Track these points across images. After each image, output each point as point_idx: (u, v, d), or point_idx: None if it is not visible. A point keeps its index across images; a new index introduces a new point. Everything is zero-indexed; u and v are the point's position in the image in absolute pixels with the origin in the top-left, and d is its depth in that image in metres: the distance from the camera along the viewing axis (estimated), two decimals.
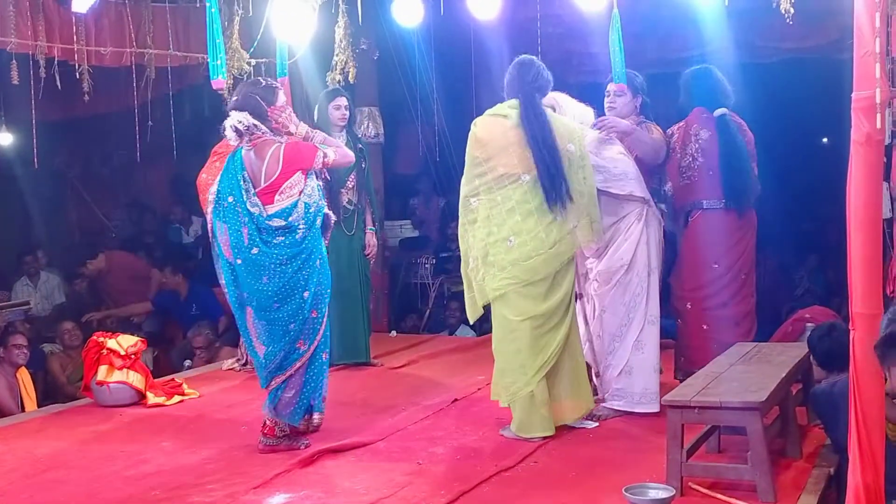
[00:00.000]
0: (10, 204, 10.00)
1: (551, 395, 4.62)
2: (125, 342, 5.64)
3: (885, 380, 3.24)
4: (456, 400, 5.40)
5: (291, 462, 4.28)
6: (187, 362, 7.26)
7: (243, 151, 4.51)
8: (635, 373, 4.88)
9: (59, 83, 6.18)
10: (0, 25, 5.79)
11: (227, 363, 6.64)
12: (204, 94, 7.57)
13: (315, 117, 6.43)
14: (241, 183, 4.45)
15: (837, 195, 3.57)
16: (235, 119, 4.43)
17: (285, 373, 4.52)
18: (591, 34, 6.16)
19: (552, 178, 4.54)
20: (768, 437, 3.86)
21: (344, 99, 6.36)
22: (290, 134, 4.58)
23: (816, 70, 7.48)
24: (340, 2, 6.55)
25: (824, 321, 5.01)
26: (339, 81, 6.73)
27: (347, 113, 6.38)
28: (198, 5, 6.39)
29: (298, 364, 4.52)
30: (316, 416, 4.78)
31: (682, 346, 5.44)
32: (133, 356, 5.60)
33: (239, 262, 4.48)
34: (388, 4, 6.67)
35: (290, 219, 4.43)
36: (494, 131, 4.66)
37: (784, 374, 4.11)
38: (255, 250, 4.44)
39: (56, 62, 6.19)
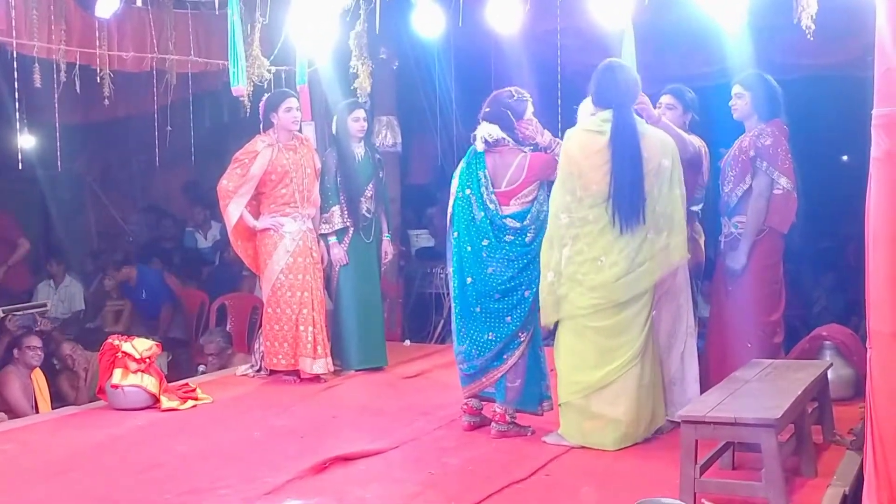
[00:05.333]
0: (30, 207, 10.07)
1: (603, 412, 4.54)
2: (140, 346, 5.65)
3: None
4: None
5: (303, 469, 4.28)
6: (201, 367, 7.28)
7: (486, 153, 4.82)
8: (679, 383, 4.83)
9: (78, 87, 6.23)
10: (24, 30, 5.84)
11: (241, 369, 6.66)
12: (223, 100, 7.63)
13: (334, 128, 6.51)
14: (481, 179, 4.78)
15: (857, 213, 3.55)
16: (486, 131, 4.77)
17: (506, 363, 4.79)
18: (610, 47, 6.14)
19: (626, 201, 4.41)
20: (783, 454, 3.82)
21: (362, 111, 6.51)
22: (535, 144, 4.82)
23: (837, 87, 7.44)
24: (361, 11, 6.59)
25: None
26: (366, 90, 6.80)
27: (366, 124, 6.50)
28: (218, 13, 6.43)
29: (518, 353, 4.78)
30: (545, 403, 4.90)
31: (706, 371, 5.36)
32: (148, 360, 5.61)
33: (469, 249, 4.81)
34: (408, 14, 6.70)
35: (525, 222, 4.75)
36: (588, 148, 4.52)
37: (800, 392, 4.07)
38: (485, 241, 4.77)
39: (78, 66, 6.25)
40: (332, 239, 6.45)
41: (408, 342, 7.85)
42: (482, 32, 6.72)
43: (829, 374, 4.78)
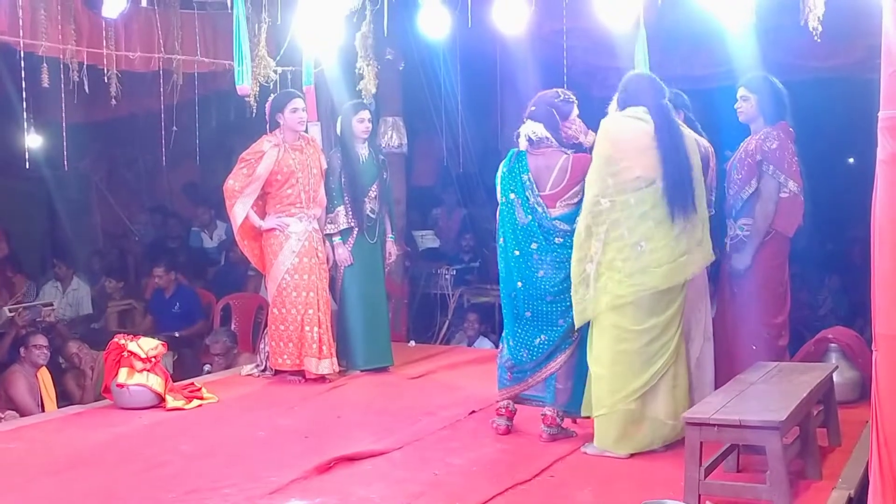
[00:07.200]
0: (36, 205, 10.09)
1: (648, 414, 4.50)
2: (146, 345, 5.66)
3: None
4: (474, 411, 5.39)
5: (307, 469, 4.29)
6: (207, 367, 7.29)
7: (528, 155, 4.78)
8: (693, 388, 4.77)
9: (87, 87, 6.25)
10: (31, 29, 5.86)
11: (247, 369, 6.67)
12: (230, 100, 7.62)
13: (338, 129, 6.53)
14: (526, 182, 4.74)
15: (862, 215, 3.55)
16: (530, 129, 4.73)
17: (556, 361, 4.76)
18: (616, 48, 6.15)
19: (680, 188, 4.41)
20: (788, 457, 3.82)
21: (367, 112, 6.54)
22: (578, 144, 4.78)
23: (843, 89, 7.44)
24: (367, 12, 6.60)
25: None
26: (371, 92, 6.82)
27: (370, 125, 6.52)
28: (228, 11, 6.44)
29: (569, 352, 4.75)
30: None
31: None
32: (153, 359, 5.62)
33: (517, 253, 4.75)
34: (414, 15, 6.71)
35: (574, 225, 4.64)
36: (632, 132, 4.49)
37: (805, 394, 4.07)
38: (534, 245, 4.72)
39: (85, 66, 6.26)
40: (337, 239, 6.46)
41: (412, 343, 7.85)
42: (488, 33, 6.72)
43: (835, 377, 4.78)
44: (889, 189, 3.23)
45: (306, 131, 6.49)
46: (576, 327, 4.63)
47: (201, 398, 5.76)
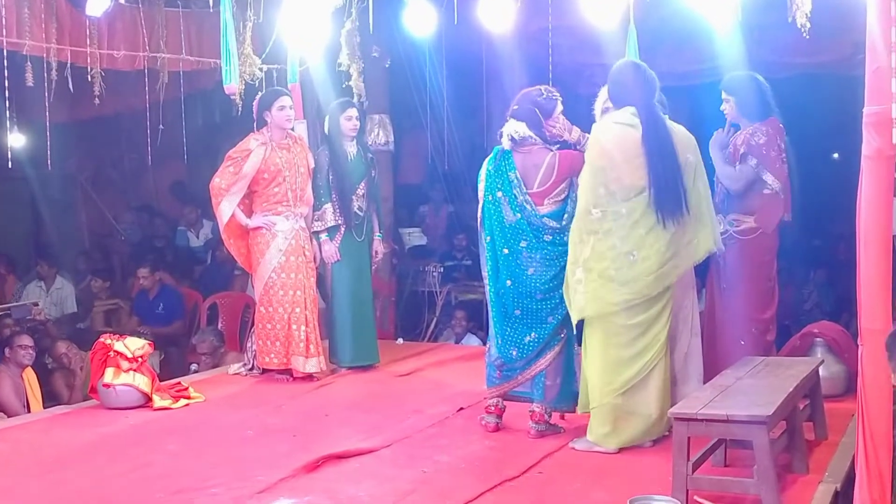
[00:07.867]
0: (20, 205, 10.04)
1: (637, 408, 4.51)
2: (132, 345, 5.63)
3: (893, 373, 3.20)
4: (462, 409, 5.39)
5: (296, 467, 4.28)
6: (194, 366, 7.27)
7: (514, 153, 4.77)
8: (682, 383, 4.82)
9: (71, 86, 6.21)
10: (15, 28, 5.82)
11: (234, 368, 6.65)
12: (215, 98, 7.59)
13: (326, 127, 6.52)
14: (513, 180, 4.73)
15: (847, 210, 3.57)
16: (513, 128, 4.72)
17: (545, 357, 4.76)
18: (602, 46, 6.16)
19: (668, 193, 4.39)
20: (775, 451, 3.84)
21: (355, 110, 6.52)
22: (562, 141, 4.76)
23: (828, 85, 7.47)
24: (353, 9, 6.59)
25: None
26: (360, 89, 6.81)
27: (358, 123, 6.50)
28: (211, 10, 6.42)
29: (558, 349, 4.76)
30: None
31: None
32: (140, 359, 5.60)
33: (505, 251, 4.75)
34: (399, 13, 6.70)
35: (563, 222, 4.68)
36: (622, 140, 4.48)
37: (792, 389, 4.09)
38: (523, 243, 4.72)
39: (69, 65, 6.23)
40: (324, 236, 6.45)
41: (400, 340, 7.85)
42: (474, 31, 6.73)
43: (821, 371, 4.81)
44: (874, 184, 3.25)
45: (292, 129, 6.47)
46: (573, 322, 4.64)
47: (188, 397, 5.74)
